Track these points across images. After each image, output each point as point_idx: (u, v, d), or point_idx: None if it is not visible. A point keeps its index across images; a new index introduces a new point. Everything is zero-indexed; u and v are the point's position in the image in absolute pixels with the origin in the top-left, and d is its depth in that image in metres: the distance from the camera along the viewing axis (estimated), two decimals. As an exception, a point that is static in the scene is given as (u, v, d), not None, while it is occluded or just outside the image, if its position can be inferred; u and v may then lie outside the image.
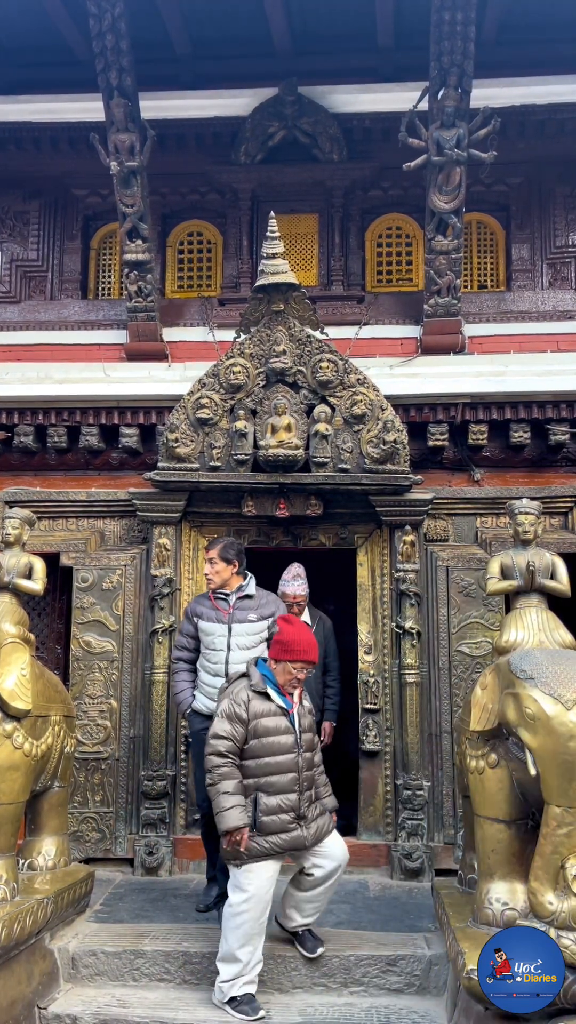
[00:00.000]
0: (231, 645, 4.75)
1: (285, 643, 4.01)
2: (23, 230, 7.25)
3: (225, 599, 4.87)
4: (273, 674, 4.05)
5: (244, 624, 4.82)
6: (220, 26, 6.51)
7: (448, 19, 5.69)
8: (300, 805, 3.95)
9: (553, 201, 6.97)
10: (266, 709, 3.97)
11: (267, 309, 5.96)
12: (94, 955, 4.31)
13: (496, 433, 6.33)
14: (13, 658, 4.39)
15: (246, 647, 4.74)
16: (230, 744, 3.90)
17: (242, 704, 3.95)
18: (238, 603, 4.87)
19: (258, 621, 4.84)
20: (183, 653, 4.98)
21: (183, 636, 5.00)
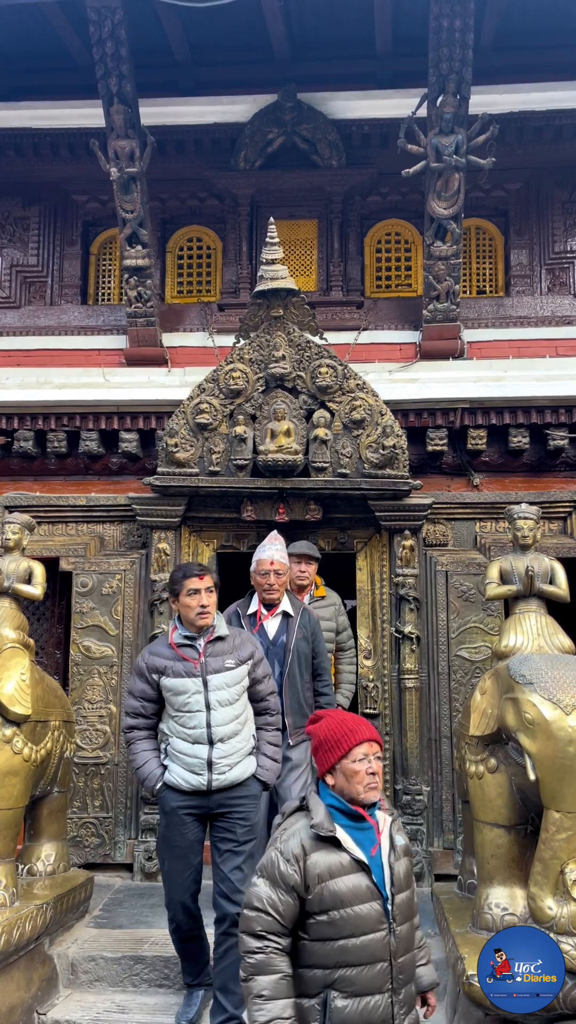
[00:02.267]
0: (210, 703, 3.81)
1: (325, 740, 2.76)
2: (23, 235, 7.26)
3: (192, 645, 3.90)
4: (340, 798, 2.70)
5: (221, 674, 3.87)
6: (219, 33, 6.53)
7: (447, 26, 5.72)
8: (394, 1015, 2.56)
9: (552, 207, 6.99)
10: (337, 865, 2.60)
11: (266, 314, 5.98)
12: (93, 961, 4.31)
13: (495, 438, 6.34)
14: (12, 663, 4.39)
15: (228, 703, 3.86)
16: (271, 921, 2.57)
17: (295, 861, 2.60)
18: (209, 648, 3.91)
19: (237, 667, 3.93)
20: (138, 720, 3.97)
21: (136, 699, 3.96)
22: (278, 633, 4.80)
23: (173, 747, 3.85)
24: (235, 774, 3.82)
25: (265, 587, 4.76)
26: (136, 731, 3.97)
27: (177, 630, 3.96)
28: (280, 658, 4.73)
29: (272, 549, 4.84)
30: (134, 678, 4.00)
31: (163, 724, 3.95)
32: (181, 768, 3.81)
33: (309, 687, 4.90)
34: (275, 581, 4.77)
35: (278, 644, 4.77)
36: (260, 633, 4.71)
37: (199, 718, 3.80)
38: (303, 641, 4.79)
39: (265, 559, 4.79)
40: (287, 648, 4.76)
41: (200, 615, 3.90)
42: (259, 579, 4.78)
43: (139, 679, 3.96)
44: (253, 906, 2.60)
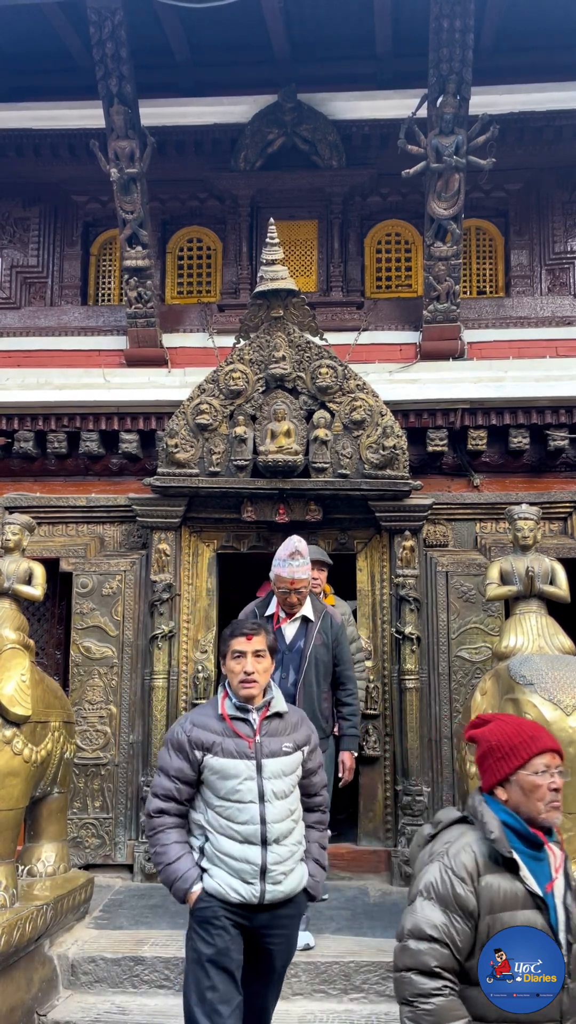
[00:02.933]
0: (264, 794, 3.06)
1: (499, 746, 2.38)
2: (23, 236, 7.26)
3: (246, 719, 3.15)
4: (515, 815, 2.30)
5: (279, 759, 3.14)
6: (219, 33, 6.53)
7: (447, 26, 5.72)
8: None
9: (552, 207, 6.99)
10: (511, 895, 2.19)
11: (266, 315, 5.98)
12: (93, 962, 4.30)
13: (495, 439, 6.33)
14: (13, 664, 4.39)
15: (284, 794, 3.12)
16: (448, 956, 2.15)
17: (469, 881, 2.17)
18: (265, 726, 3.18)
19: (293, 752, 3.19)
20: (169, 805, 3.13)
21: (170, 778, 3.12)
22: (295, 638, 4.55)
23: (216, 846, 3.04)
24: (289, 885, 3.06)
25: (285, 604, 4.54)
26: (166, 817, 3.11)
27: (228, 698, 3.20)
28: (296, 664, 4.48)
29: (294, 566, 4.33)
30: (169, 752, 3.16)
31: (198, 815, 3.13)
32: (227, 873, 3.02)
33: (327, 697, 4.60)
34: (296, 600, 4.50)
35: (295, 650, 4.51)
36: (277, 637, 4.38)
37: (251, 811, 3.03)
38: (322, 648, 4.53)
39: (286, 576, 4.35)
40: (303, 654, 4.51)
41: (243, 683, 3.15)
42: (279, 595, 4.53)
43: (176, 754, 3.13)
44: (425, 935, 2.09)
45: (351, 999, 4.13)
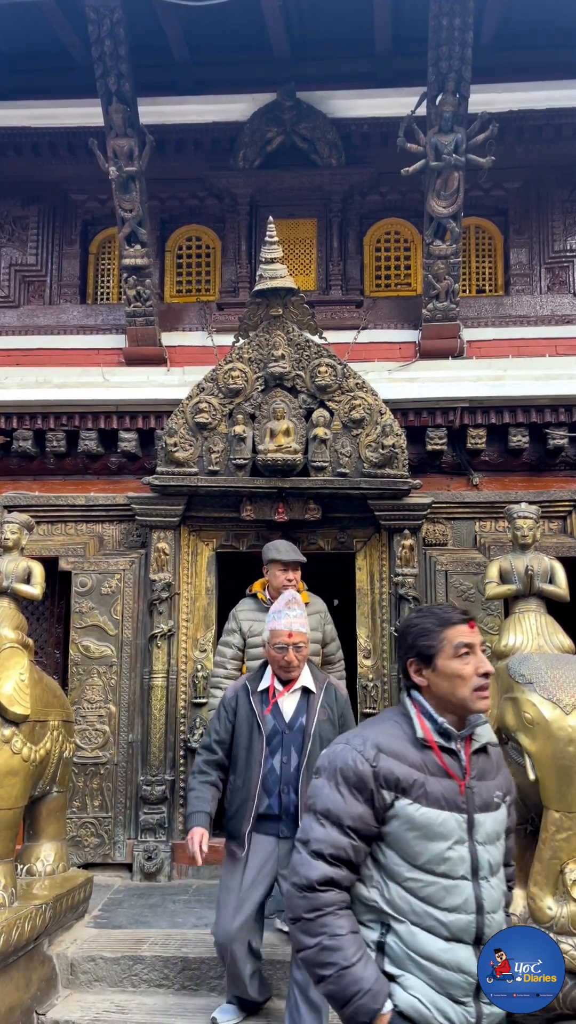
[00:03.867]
0: (479, 867, 2.11)
1: None
2: (22, 235, 7.25)
3: (454, 751, 2.17)
4: None
5: (491, 815, 2.19)
6: (218, 32, 6.52)
7: (446, 24, 5.71)
8: None
9: (551, 206, 6.99)
10: None
11: (266, 314, 5.97)
12: (93, 961, 4.30)
13: (495, 437, 6.33)
14: (11, 663, 4.38)
15: (498, 868, 2.21)
16: None
17: None
18: (475, 762, 2.22)
19: (503, 805, 2.24)
20: (342, 873, 2.07)
21: (344, 831, 2.06)
22: (296, 714, 3.80)
23: (410, 944, 2.04)
24: None
25: (282, 663, 3.77)
26: (335, 892, 2.06)
27: (426, 716, 2.19)
28: (298, 745, 3.75)
29: (290, 616, 3.77)
30: (339, 788, 2.09)
31: (371, 890, 2.11)
32: (429, 986, 2.03)
33: None
34: (295, 657, 3.75)
35: (296, 728, 3.78)
36: (274, 714, 3.79)
37: (464, 892, 2.06)
38: (327, 725, 3.80)
39: (282, 629, 3.75)
40: (306, 733, 3.76)
41: (479, 694, 2.16)
42: (274, 653, 3.78)
43: (353, 794, 2.08)
44: None
45: None
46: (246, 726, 3.79)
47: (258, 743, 3.74)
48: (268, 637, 3.81)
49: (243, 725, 3.80)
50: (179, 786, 5.89)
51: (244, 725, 3.80)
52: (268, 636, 3.81)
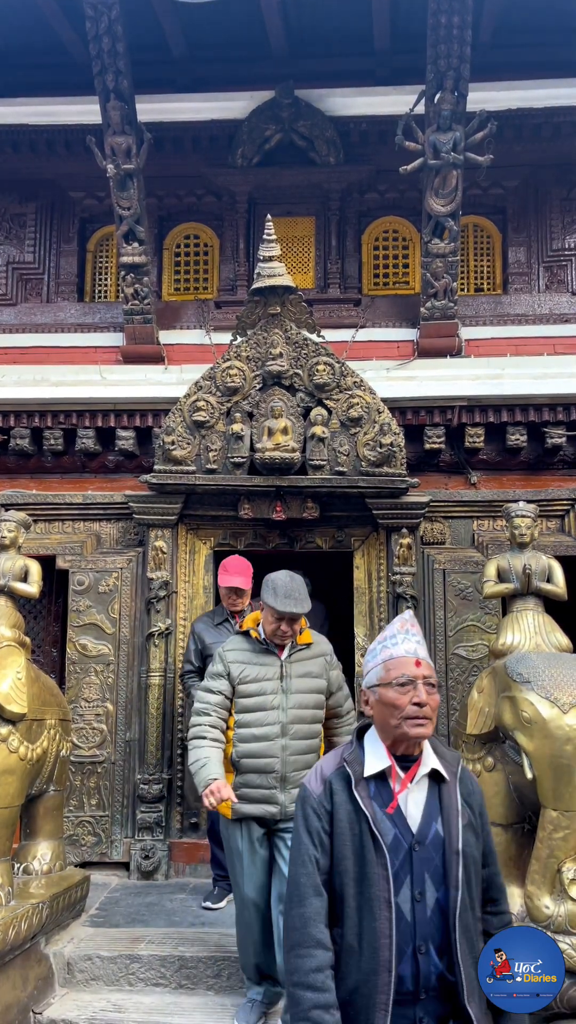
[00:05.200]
0: None
1: None
2: (19, 232, 7.24)
3: None
4: None
5: None
6: (217, 29, 6.51)
7: (445, 23, 5.70)
8: None
9: (550, 204, 6.98)
10: None
11: (263, 312, 5.96)
12: (90, 960, 4.30)
13: (493, 436, 6.33)
14: (8, 661, 4.38)
15: None
16: None
17: None
18: None
19: None
20: None
21: None
22: (427, 816, 2.22)
23: None
24: None
25: (409, 717, 2.20)
26: None
27: None
28: (435, 870, 2.17)
29: (412, 640, 2.31)
30: None
31: None
32: None
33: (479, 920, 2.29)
34: (430, 701, 2.23)
35: (430, 840, 2.19)
36: (394, 817, 2.19)
37: None
38: (470, 834, 2.23)
39: (406, 656, 2.27)
40: (449, 848, 2.19)
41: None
42: (394, 697, 2.23)
43: None
44: None
45: None
46: (350, 837, 2.17)
47: (378, 868, 2.11)
48: (379, 675, 2.29)
49: (344, 835, 2.17)
50: (176, 785, 5.89)
51: (347, 836, 2.17)
52: (379, 673, 2.30)
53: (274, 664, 3.78)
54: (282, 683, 3.76)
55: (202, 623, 5.43)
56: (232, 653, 3.86)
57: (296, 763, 3.70)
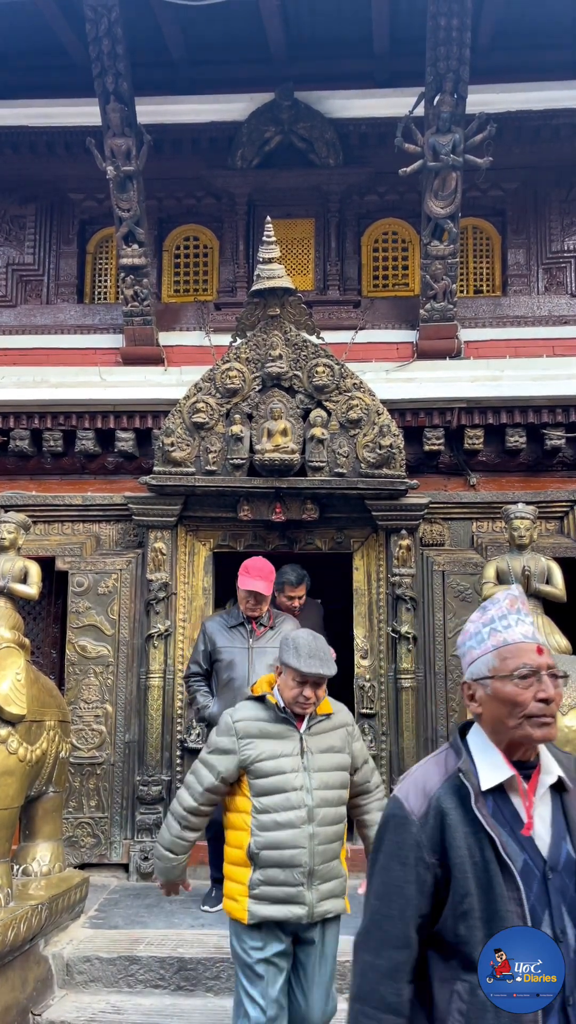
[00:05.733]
0: None
1: None
2: (19, 234, 7.24)
3: None
4: None
5: None
6: (216, 31, 6.52)
7: (444, 25, 5.71)
8: None
9: (549, 206, 6.99)
10: None
11: (263, 314, 5.97)
12: (88, 961, 4.29)
13: (492, 438, 6.33)
14: (8, 663, 4.38)
15: None
16: None
17: None
18: None
19: None
20: None
21: None
22: (557, 833, 1.82)
23: None
24: None
25: (534, 715, 1.78)
26: None
27: None
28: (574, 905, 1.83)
29: (527, 623, 1.89)
30: None
31: None
32: None
33: None
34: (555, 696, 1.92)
35: (562, 862, 1.80)
36: (522, 839, 1.78)
37: None
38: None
39: (525, 643, 1.85)
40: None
41: None
42: (512, 694, 1.81)
43: None
44: None
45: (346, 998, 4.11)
46: (471, 869, 1.74)
47: (511, 905, 1.77)
48: (491, 665, 1.85)
49: (465, 867, 1.74)
50: (175, 786, 5.88)
51: (467, 868, 1.74)
52: (491, 663, 1.86)
53: (293, 738, 3.16)
54: (303, 760, 3.15)
55: (215, 623, 5.14)
56: (245, 725, 3.19)
57: (325, 854, 3.12)
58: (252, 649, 4.87)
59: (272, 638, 4.80)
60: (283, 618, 5.09)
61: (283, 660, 3.15)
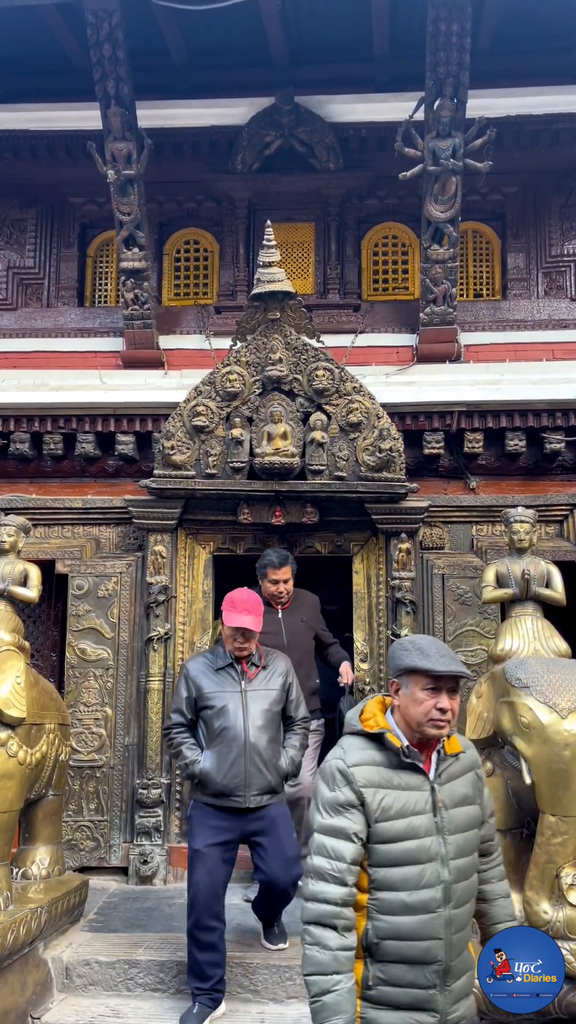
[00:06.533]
0: None
1: None
2: (20, 238, 7.26)
3: None
4: None
5: None
6: (217, 36, 6.54)
7: (444, 30, 5.72)
8: None
9: (548, 210, 7.00)
10: None
11: (263, 317, 5.98)
12: (88, 965, 4.29)
13: (492, 441, 6.34)
14: (8, 666, 4.38)
15: None
16: None
17: None
18: None
19: None
20: None
21: None
22: None
23: None
24: None
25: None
26: None
27: None
28: None
29: None
30: None
31: None
32: None
33: None
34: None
35: None
36: None
37: None
38: None
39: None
40: None
41: None
42: None
43: None
44: None
45: None
46: None
47: None
48: None
49: None
50: (175, 790, 5.88)
51: None
52: None
53: (423, 788, 2.43)
54: (436, 818, 2.41)
55: (199, 665, 4.37)
56: (363, 771, 2.41)
57: (460, 943, 2.40)
58: (245, 693, 4.23)
59: (267, 679, 4.35)
60: (274, 655, 4.51)
61: (405, 666, 2.49)
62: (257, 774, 4.12)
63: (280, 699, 4.37)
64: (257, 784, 4.12)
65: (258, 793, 4.12)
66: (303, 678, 5.01)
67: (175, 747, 4.32)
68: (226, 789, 4.09)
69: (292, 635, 5.37)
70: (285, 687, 4.41)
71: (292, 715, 4.45)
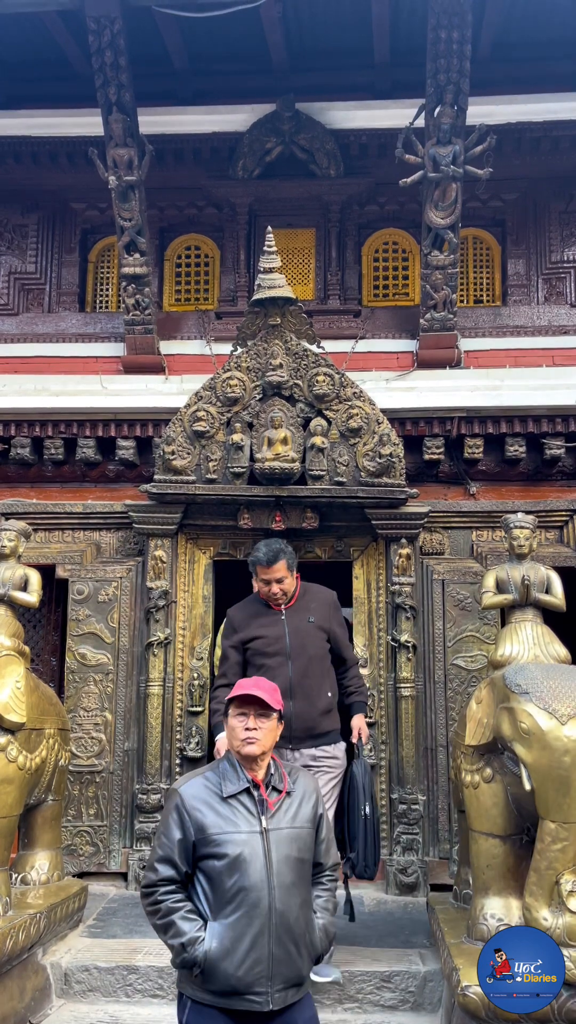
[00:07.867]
0: None
1: None
2: (21, 243, 7.28)
3: None
4: None
5: None
6: (218, 42, 6.57)
7: (444, 37, 5.75)
8: None
9: (548, 217, 7.02)
10: None
11: (264, 323, 5.99)
12: (87, 971, 4.29)
13: (492, 447, 6.35)
14: (8, 671, 4.38)
15: None
16: None
17: None
18: None
19: None
20: None
21: None
22: None
23: None
24: None
25: None
26: None
27: None
28: None
29: None
30: None
31: None
32: None
33: None
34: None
35: None
36: None
37: None
38: None
39: None
40: None
41: None
42: None
43: None
44: None
45: (345, 1008, 4.11)
46: None
47: None
48: None
49: None
50: (175, 795, 5.87)
51: None
52: None
53: None
54: None
55: (197, 790, 2.80)
56: None
57: None
58: (267, 834, 2.73)
59: (294, 811, 2.83)
60: (297, 774, 3.00)
61: None
62: (286, 960, 2.66)
63: (310, 841, 2.85)
64: (283, 975, 2.66)
65: (283, 987, 2.66)
66: (311, 692, 4.33)
67: (162, 916, 2.73)
68: (241, 984, 2.61)
69: (296, 638, 4.40)
70: (315, 821, 2.89)
71: (322, 861, 2.93)
